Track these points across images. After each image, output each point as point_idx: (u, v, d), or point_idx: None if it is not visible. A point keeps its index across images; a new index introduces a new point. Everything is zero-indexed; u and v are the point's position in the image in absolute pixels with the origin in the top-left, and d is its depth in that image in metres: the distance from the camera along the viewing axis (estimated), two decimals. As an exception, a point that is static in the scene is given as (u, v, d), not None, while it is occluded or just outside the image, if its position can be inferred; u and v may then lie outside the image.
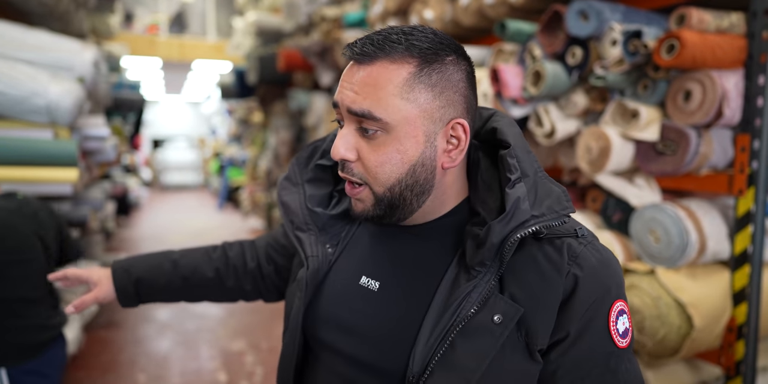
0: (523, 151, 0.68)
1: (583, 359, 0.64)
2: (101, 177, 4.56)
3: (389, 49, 0.63)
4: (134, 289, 0.97)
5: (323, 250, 0.76)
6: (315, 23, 4.00)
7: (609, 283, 0.65)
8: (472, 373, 0.61)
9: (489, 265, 0.64)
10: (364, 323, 0.70)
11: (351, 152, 0.65)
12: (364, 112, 0.63)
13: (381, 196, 0.66)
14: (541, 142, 1.79)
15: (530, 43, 1.79)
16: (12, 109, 2.16)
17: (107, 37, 5.83)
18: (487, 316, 0.62)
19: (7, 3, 2.72)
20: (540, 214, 0.63)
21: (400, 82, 0.63)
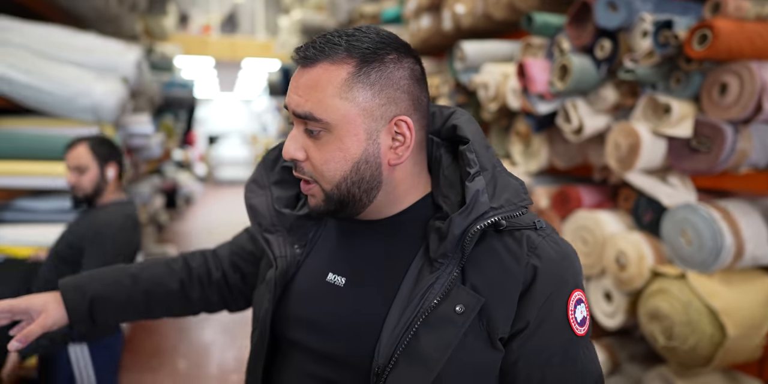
0: (482, 146, 0.70)
1: (543, 348, 0.66)
2: (152, 172, 4.79)
3: (329, 51, 0.65)
4: (88, 309, 0.88)
5: (291, 251, 0.77)
6: (354, 20, 4.02)
7: (566, 273, 0.68)
8: (435, 362, 0.63)
9: (451, 256, 0.66)
10: (331, 319, 0.71)
11: (300, 152, 0.68)
12: (307, 114, 0.65)
13: (330, 192, 0.68)
14: (570, 138, 1.73)
15: (559, 37, 1.73)
16: (61, 108, 2.29)
17: (161, 38, 6.09)
18: (450, 306, 0.64)
19: (63, 8, 2.89)
20: (498, 206, 0.66)
21: (339, 82, 0.65)
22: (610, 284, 1.71)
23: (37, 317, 0.84)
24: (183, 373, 3.04)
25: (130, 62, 2.49)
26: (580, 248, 1.79)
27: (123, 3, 3.31)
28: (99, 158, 1.79)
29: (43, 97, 2.24)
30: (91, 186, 1.79)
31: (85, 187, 1.79)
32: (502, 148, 2.32)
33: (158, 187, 4.81)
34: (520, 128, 2.06)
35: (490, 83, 2.06)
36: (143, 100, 3.63)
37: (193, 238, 6.67)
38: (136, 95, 3.07)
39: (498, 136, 2.35)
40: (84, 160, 1.77)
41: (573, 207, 1.86)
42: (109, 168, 1.81)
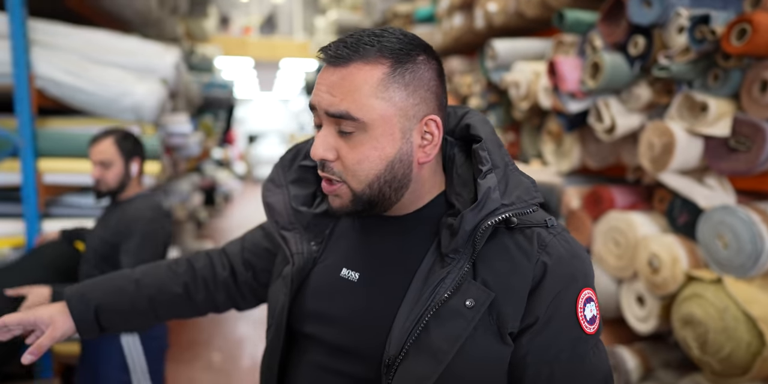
0: (495, 144, 0.72)
1: (552, 344, 0.66)
2: (191, 170, 4.94)
3: (363, 51, 0.65)
4: (94, 317, 0.88)
5: (308, 247, 0.78)
6: (388, 20, 4.03)
7: (576, 271, 0.68)
8: (444, 354, 0.64)
9: (462, 252, 0.67)
10: (344, 313, 0.73)
11: (330, 152, 0.67)
12: (342, 113, 0.65)
13: (359, 192, 0.68)
14: (602, 137, 1.69)
15: (591, 34, 1.69)
16: (105, 108, 2.40)
17: (202, 40, 6.27)
18: (460, 300, 0.66)
19: (109, 12, 3.02)
20: (510, 203, 0.67)
21: (375, 82, 0.65)
22: (642, 288, 1.66)
23: (45, 329, 0.85)
24: (217, 365, 3.13)
25: (169, 64, 2.58)
26: (611, 250, 1.75)
27: (164, 7, 3.43)
28: (124, 153, 1.78)
29: (88, 97, 2.34)
30: (116, 181, 1.79)
31: (110, 181, 1.78)
32: (534, 147, 2.29)
33: (197, 185, 4.95)
34: (551, 127, 2.02)
35: (522, 82, 2.03)
36: (183, 100, 3.74)
37: (231, 234, 6.84)
38: (175, 95, 3.17)
39: (529, 136, 2.32)
40: (109, 154, 1.77)
41: (605, 208, 1.81)
42: (133, 163, 1.82)
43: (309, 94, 7.94)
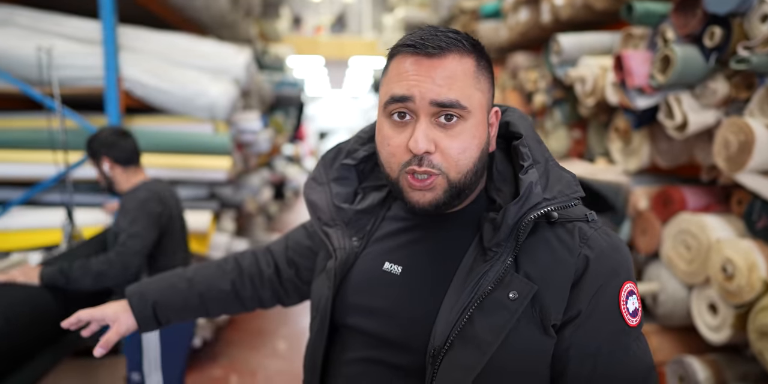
0: (534, 141, 0.73)
1: (595, 336, 0.67)
2: (262, 166, 5.15)
3: (457, 44, 0.68)
4: (152, 313, 0.96)
5: (349, 243, 0.80)
6: (455, 16, 4.00)
7: (618, 265, 0.69)
8: (489, 345, 0.65)
9: (504, 245, 0.68)
10: (387, 304, 0.74)
11: (431, 144, 0.67)
12: (453, 102, 0.66)
13: (455, 182, 0.69)
14: (673, 135, 1.60)
15: (662, 26, 1.60)
16: (182, 106, 2.57)
17: (275, 40, 6.51)
18: (503, 293, 0.66)
19: (188, 17, 3.22)
20: (551, 197, 0.68)
21: (472, 73, 0.69)
22: (715, 295, 1.56)
23: (112, 325, 0.94)
24: (282, 353, 3.27)
25: (241, 65, 2.71)
26: (682, 254, 1.66)
27: (238, 10, 3.60)
28: (92, 157, 1.89)
29: (168, 97, 2.52)
30: (102, 180, 1.93)
31: (101, 180, 1.93)
32: (601, 145, 2.20)
33: (267, 180, 5.16)
34: (619, 124, 1.94)
35: (588, 77, 1.96)
36: (255, 98, 3.91)
37: (298, 228, 7.06)
38: (247, 94, 3.33)
39: (596, 133, 2.23)
40: (89, 161, 1.92)
41: (675, 209, 1.72)
42: (104, 162, 1.88)
43: (378, 92, 8.00)
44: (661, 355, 1.77)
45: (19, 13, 2.49)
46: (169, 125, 2.67)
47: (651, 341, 1.77)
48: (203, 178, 2.70)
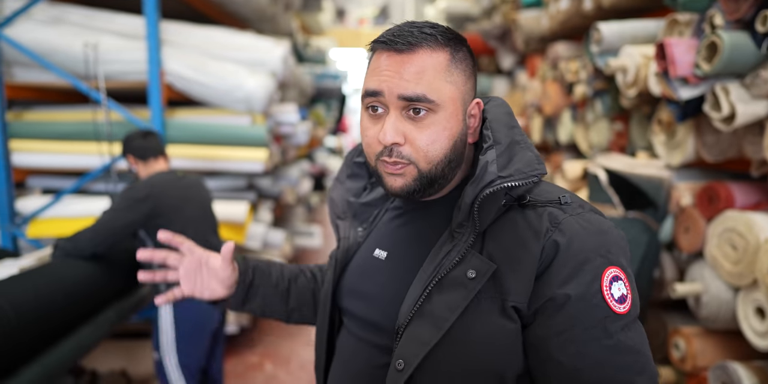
0: (501, 124, 0.74)
1: (576, 322, 0.65)
2: (302, 157, 5.22)
3: (428, 39, 0.70)
4: (251, 280, 0.91)
5: (354, 233, 0.86)
6: (496, 6, 3.91)
7: (595, 249, 0.67)
8: (444, 321, 0.67)
9: (466, 226, 0.71)
10: (372, 289, 0.79)
11: (400, 136, 0.70)
12: (419, 96, 0.68)
13: (426, 172, 0.71)
14: (719, 127, 1.51)
15: (710, 11, 1.50)
16: (220, 99, 2.62)
17: (317, 33, 6.56)
18: (462, 271, 0.69)
19: (229, 11, 3.28)
20: (507, 175, 0.69)
21: (443, 67, 0.70)
22: (763, 298, 1.47)
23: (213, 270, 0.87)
24: (316, 342, 3.33)
25: (277, 58, 2.74)
26: (727, 254, 1.57)
27: (278, 3, 3.64)
28: (123, 156, 2.10)
29: (207, 90, 2.58)
30: (135, 175, 2.13)
31: (133, 175, 2.14)
32: (644, 138, 2.10)
33: (307, 172, 5.23)
34: (662, 116, 1.84)
35: (629, 67, 1.87)
36: (294, 91, 3.96)
37: (338, 220, 7.12)
38: (285, 87, 3.37)
39: (639, 126, 2.13)
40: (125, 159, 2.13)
41: (722, 207, 1.62)
42: (129, 159, 2.10)
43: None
44: (703, 360, 1.69)
45: (72, 12, 2.61)
46: (208, 117, 2.74)
47: (693, 344, 1.69)
48: (241, 169, 2.76)
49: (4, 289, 1.54)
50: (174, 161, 2.66)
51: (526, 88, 3.42)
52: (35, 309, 1.56)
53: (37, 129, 2.64)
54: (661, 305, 1.99)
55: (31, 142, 2.63)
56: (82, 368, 2.35)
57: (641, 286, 1.77)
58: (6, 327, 1.44)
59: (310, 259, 5.09)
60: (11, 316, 1.46)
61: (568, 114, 2.78)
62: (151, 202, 1.94)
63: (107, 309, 1.96)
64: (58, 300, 1.67)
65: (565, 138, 2.83)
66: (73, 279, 1.79)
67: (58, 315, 1.67)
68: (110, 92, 2.57)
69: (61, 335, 1.70)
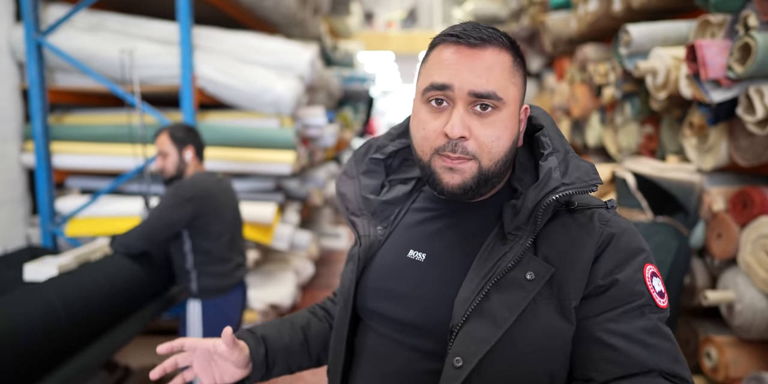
0: (555, 132, 0.77)
1: (617, 304, 0.68)
2: (330, 159, 5.27)
3: (497, 38, 0.71)
4: (264, 351, 0.88)
5: (374, 231, 0.84)
6: (524, 7, 3.88)
7: (640, 245, 0.72)
8: (504, 320, 0.67)
9: (524, 229, 0.71)
10: (409, 289, 0.77)
11: (466, 130, 0.70)
12: (490, 93, 0.69)
13: (486, 169, 0.72)
14: (753, 131, 1.47)
15: (744, 11, 1.47)
16: (249, 102, 2.68)
17: (346, 37, 6.62)
18: (521, 273, 0.69)
19: (259, 17, 3.35)
20: (570, 183, 0.70)
21: (509, 67, 0.72)
22: (798, 307, 1.42)
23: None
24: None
25: (305, 61, 2.79)
26: (762, 261, 1.52)
27: (306, 8, 3.69)
28: (177, 143, 2.04)
29: (236, 94, 2.64)
30: (174, 168, 2.07)
31: (169, 169, 2.07)
32: (675, 142, 2.06)
33: (334, 174, 5.28)
34: (694, 120, 1.80)
35: (659, 69, 1.84)
36: (322, 94, 4.01)
37: (365, 222, 7.14)
38: (312, 90, 3.41)
39: (669, 129, 2.09)
40: (165, 146, 2.04)
41: (756, 212, 1.58)
42: (187, 151, 2.06)
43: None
44: (737, 370, 1.64)
45: (110, 19, 2.70)
46: (237, 120, 2.80)
47: (726, 354, 1.65)
48: (269, 171, 2.81)
49: (55, 287, 1.61)
50: (205, 163, 2.74)
51: (554, 91, 3.39)
52: (83, 309, 1.63)
53: (76, 132, 2.75)
54: (691, 312, 1.94)
55: (71, 144, 2.73)
56: (116, 363, 2.43)
57: (671, 292, 1.73)
58: (56, 325, 1.50)
59: (336, 259, 5.13)
60: (62, 316, 1.53)
61: (597, 117, 2.74)
62: (197, 202, 1.97)
63: (143, 307, 2.03)
64: (103, 300, 1.75)
65: (593, 141, 2.79)
66: (117, 279, 1.87)
67: (102, 314, 1.74)
68: (145, 96, 2.66)
69: (102, 333, 1.77)
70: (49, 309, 1.51)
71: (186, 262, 2.07)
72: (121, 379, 2.39)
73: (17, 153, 2.68)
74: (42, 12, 2.58)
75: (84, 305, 1.63)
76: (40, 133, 2.60)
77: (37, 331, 1.44)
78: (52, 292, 1.58)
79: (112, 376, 2.35)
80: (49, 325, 1.49)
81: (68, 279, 1.70)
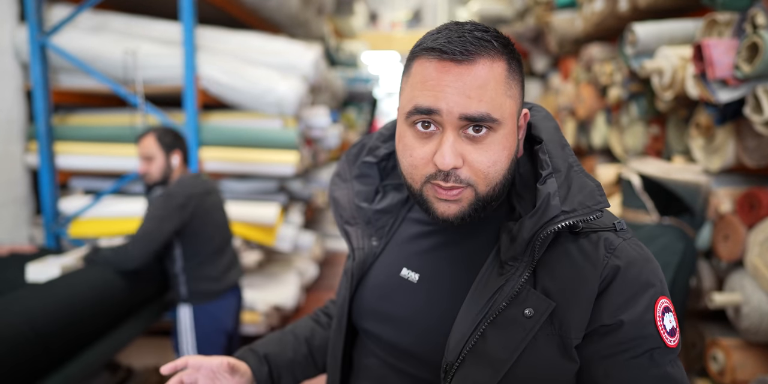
0: (557, 145, 0.67)
1: (623, 348, 0.61)
2: (334, 160, 5.26)
3: (487, 46, 0.61)
4: (268, 369, 0.86)
5: (368, 243, 0.79)
6: (530, 7, 3.86)
7: (651, 276, 0.63)
8: (502, 363, 0.62)
9: (520, 259, 0.64)
10: (401, 313, 0.72)
11: (459, 159, 0.62)
12: (483, 115, 0.61)
13: (483, 196, 0.65)
14: (761, 131, 1.44)
15: (752, 10, 1.44)
16: (253, 103, 2.68)
17: (350, 37, 6.61)
18: (518, 309, 0.62)
19: (263, 17, 3.35)
20: (571, 210, 0.62)
21: (503, 79, 0.62)
22: (807, 311, 1.40)
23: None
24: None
25: (309, 61, 2.78)
26: (769, 264, 1.50)
27: (309, 8, 3.69)
28: (164, 147, 1.96)
29: (239, 94, 2.64)
30: (159, 173, 1.99)
31: (154, 174, 1.99)
32: (681, 142, 2.04)
33: (338, 175, 5.26)
34: (700, 120, 1.78)
35: (666, 69, 1.82)
36: (326, 94, 4.00)
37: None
38: (316, 90, 3.40)
39: (676, 129, 2.07)
40: (152, 149, 1.95)
41: (764, 214, 1.56)
42: (174, 155, 1.98)
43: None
44: (743, 373, 1.62)
45: (113, 19, 2.71)
46: (240, 121, 2.80)
47: (732, 357, 1.63)
48: (272, 172, 2.81)
49: (24, 304, 1.53)
50: (207, 164, 2.73)
51: (560, 91, 3.37)
52: (54, 322, 1.53)
53: (80, 132, 2.75)
54: (698, 315, 1.92)
55: (75, 144, 2.74)
56: (118, 364, 2.43)
57: (676, 295, 1.71)
58: (23, 342, 1.41)
59: (340, 261, 5.12)
60: (27, 332, 1.44)
61: (603, 117, 2.72)
62: (190, 207, 1.93)
63: (140, 310, 2.02)
64: (81, 310, 1.66)
65: (599, 142, 2.77)
66: (98, 287, 1.79)
67: (81, 324, 1.66)
68: (148, 96, 2.66)
69: (91, 340, 1.72)
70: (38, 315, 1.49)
71: (175, 266, 2.02)
72: (123, 379, 2.39)
73: (21, 153, 2.68)
74: (45, 13, 2.59)
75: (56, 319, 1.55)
76: (43, 133, 2.61)
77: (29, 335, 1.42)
78: (48, 295, 1.57)
79: (114, 377, 2.35)
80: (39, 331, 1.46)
81: (39, 292, 1.62)
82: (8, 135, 2.60)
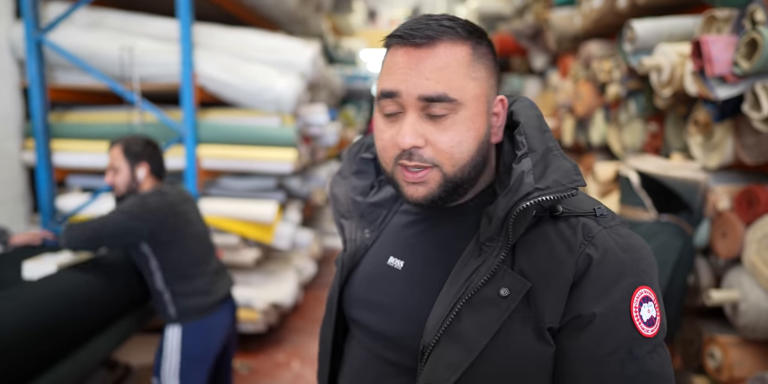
0: (535, 129, 0.69)
1: (600, 343, 0.61)
2: (332, 158, 5.26)
3: (449, 32, 0.64)
4: None
5: (361, 235, 0.81)
6: (529, 5, 3.85)
7: (628, 266, 0.62)
8: (476, 343, 0.62)
9: (497, 239, 0.65)
10: (387, 300, 0.74)
11: (420, 139, 0.65)
12: (441, 95, 0.63)
13: (451, 176, 0.66)
14: (760, 128, 1.44)
15: (751, 6, 1.44)
16: (250, 100, 2.67)
17: (348, 34, 6.60)
18: (494, 289, 0.63)
19: (261, 14, 3.34)
20: (545, 187, 0.63)
21: (466, 62, 0.65)
22: (805, 308, 1.40)
23: None
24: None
25: (306, 59, 2.77)
26: (767, 260, 1.50)
27: (308, 5, 3.68)
28: (130, 158, 1.82)
29: (237, 92, 2.63)
30: (124, 185, 1.84)
31: (119, 186, 1.85)
32: (680, 140, 2.03)
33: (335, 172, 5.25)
34: (699, 117, 1.77)
35: (664, 65, 1.81)
36: (325, 92, 3.99)
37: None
38: (314, 88, 3.40)
39: (674, 127, 2.06)
40: (117, 160, 1.82)
41: (762, 211, 1.55)
42: (140, 168, 1.83)
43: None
44: (741, 371, 1.62)
45: (110, 16, 2.70)
46: (238, 118, 2.79)
47: (730, 354, 1.63)
48: (270, 170, 2.80)
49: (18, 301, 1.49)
50: (205, 161, 2.72)
51: (558, 89, 3.36)
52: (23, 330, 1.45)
53: (77, 130, 2.74)
54: (696, 312, 1.92)
55: (72, 142, 2.73)
56: (116, 361, 2.43)
57: (674, 292, 1.71)
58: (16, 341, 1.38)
59: (339, 259, 5.12)
60: (20, 329, 1.40)
61: (601, 115, 2.72)
62: (161, 215, 1.77)
63: (129, 314, 1.96)
64: (57, 315, 1.58)
65: (597, 139, 2.76)
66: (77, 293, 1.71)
67: (59, 330, 1.58)
68: (145, 94, 2.65)
69: (86, 338, 1.70)
70: (36, 309, 1.48)
71: (155, 281, 1.84)
72: (121, 377, 2.38)
73: (18, 151, 2.67)
74: (42, 9, 2.57)
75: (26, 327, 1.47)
76: (40, 131, 2.60)
77: (24, 331, 1.41)
78: (43, 292, 1.56)
79: (112, 375, 2.34)
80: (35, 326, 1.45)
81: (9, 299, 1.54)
82: (5, 132, 2.59)
